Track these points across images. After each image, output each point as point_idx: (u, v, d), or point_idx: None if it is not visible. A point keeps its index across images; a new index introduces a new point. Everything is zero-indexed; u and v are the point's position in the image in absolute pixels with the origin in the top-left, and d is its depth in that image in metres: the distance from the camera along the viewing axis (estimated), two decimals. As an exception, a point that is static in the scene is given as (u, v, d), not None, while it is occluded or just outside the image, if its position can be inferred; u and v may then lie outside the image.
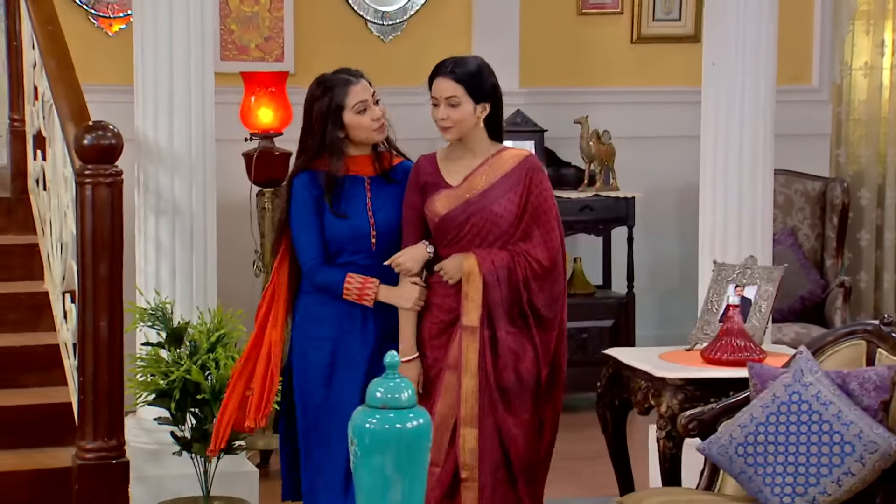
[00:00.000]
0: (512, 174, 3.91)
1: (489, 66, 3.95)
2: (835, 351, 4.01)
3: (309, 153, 4.01)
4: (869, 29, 7.07)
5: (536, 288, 3.90)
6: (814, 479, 3.69)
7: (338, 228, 3.99)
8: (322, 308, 4.01)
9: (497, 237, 3.90)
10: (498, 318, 3.88)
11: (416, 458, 3.62)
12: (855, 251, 7.12)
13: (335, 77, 4.05)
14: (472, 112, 3.89)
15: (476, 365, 3.88)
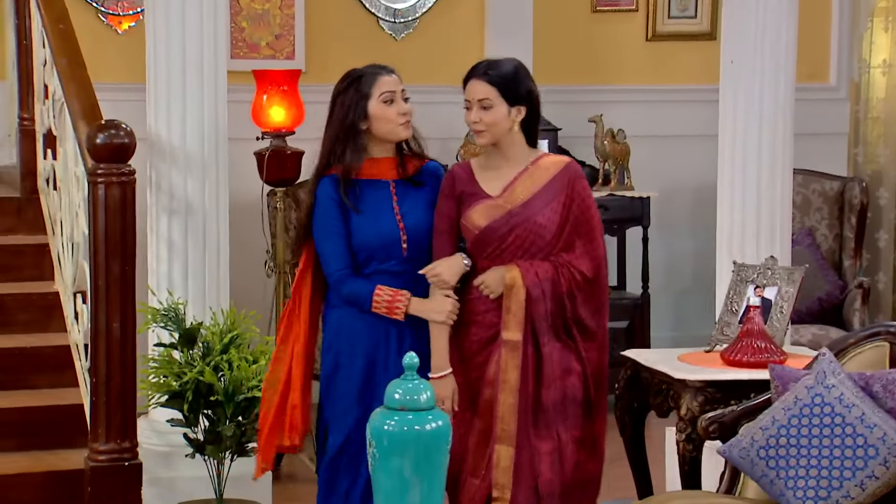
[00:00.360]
0: (554, 183, 3.78)
1: (526, 69, 3.82)
2: (857, 353, 3.98)
3: (329, 151, 3.83)
4: (888, 26, 7.01)
5: (581, 299, 3.77)
6: (837, 483, 3.66)
7: (366, 234, 3.82)
8: (354, 322, 3.84)
9: (540, 248, 3.77)
10: (542, 333, 3.74)
11: (435, 460, 3.58)
12: (873, 252, 7.06)
13: (364, 68, 3.91)
14: (506, 115, 3.75)
15: (516, 382, 3.72)
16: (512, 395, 3.72)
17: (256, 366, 4.54)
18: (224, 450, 4.54)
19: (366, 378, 3.84)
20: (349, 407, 3.85)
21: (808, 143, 6.67)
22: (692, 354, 4.61)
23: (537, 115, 3.82)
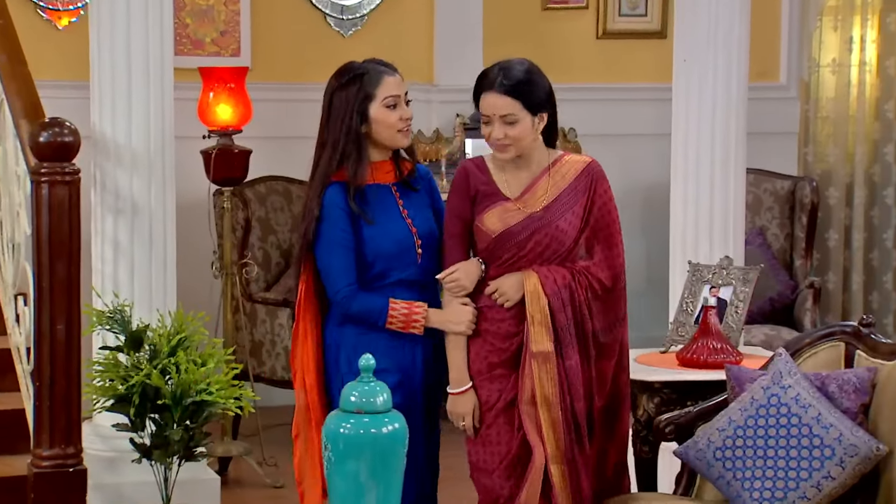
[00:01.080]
0: (576, 185, 3.55)
1: (538, 69, 3.57)
2: (813, 353, 3.99)
3: (330, 153, 3.55)
4: (837, 25, 7.03)
5: (596, 311, 3.55)
6: (793, 484, 3.66)
7: (381, 243, 3.56)
8: (369, 337, 3.58)
9: (559, 255, 3.55)
10: (567, 345, 3.52)
11: (391, 463, 3.53)
12: (823, 251, 7.08)
13: (367, 65, 3.64)
14: (531, 127, 3.50)
15: (554, 395, 3.51)
16: (550, 411, 3.50)
17: (205, 368, 4.46)
18: (171, 454, 4.46)
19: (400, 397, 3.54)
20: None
21: (758, 142, 6.67)
22: (647, 355, 4.58)
23: (555, 113, 3.58)
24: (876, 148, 7.11)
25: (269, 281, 6.22)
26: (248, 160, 5.69)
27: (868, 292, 7.14)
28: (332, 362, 3.64)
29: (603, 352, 3.57)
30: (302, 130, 6.71)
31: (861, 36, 7.03)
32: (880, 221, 7.13)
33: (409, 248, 3.60)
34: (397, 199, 3.64)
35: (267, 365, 5.97)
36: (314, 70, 6.77)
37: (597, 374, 3.56)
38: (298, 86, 6.71)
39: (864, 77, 7.04)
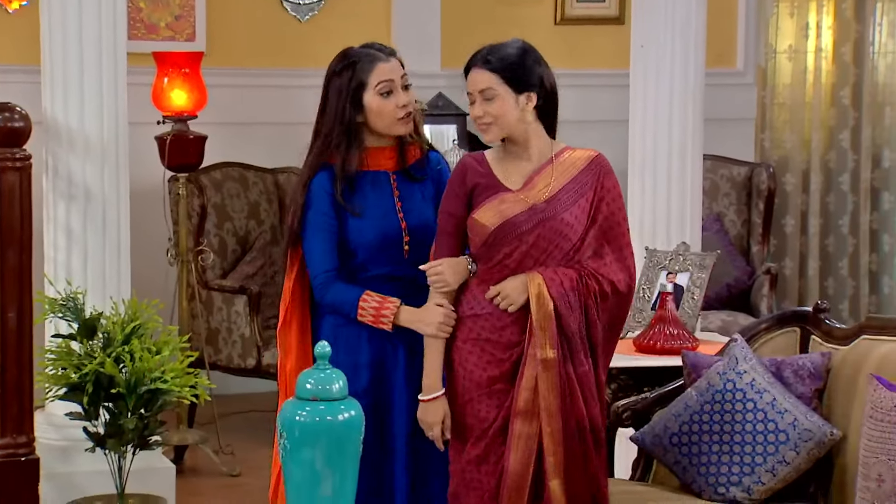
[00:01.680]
0: (581, 177, 3.29)
1: (535, 51, 3.33)
2: (769, 338, 4.01)
3: (322, 143, 3.42)
4: (793, 11, 7.05)
5: (605, 317, 3.31)
6: (748, 469, 3.68)
7: (365, 234, 3.42)
8: (354, 327, 3.44)
9: (562, 253, 3.29)
10: (578, 351, 3.27)
11: (348, 451, 3.50)
12: (780, 237, 7.11)
13: (361, 51, 3.48)
14: (514, 105, 3.27)
15: (555, 406, 3.25)
16: (553, 422, 3.26)
17: (159, 356, 4.43)
18: (126, 443, 4.43)
19: (372, 391, 3.46)
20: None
21: (716, 128, 6.68)
22: (604, 341, 4.57)
23: (554, 102, 3.34)
24: (832, 134, 7.14)
25: (226, 268, 6.18)
26: (203, 146, 5.64)
27: (824, 278, 7.18)
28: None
29: (599, 360, 3.34)
30: (258, 116, 6.70)
31: (817, 22, 7.05)
32: (836, 207, 7.17)
33: (395, 243, 3.44)
34: (393, 189, 3.47)
35: (223, 353, 5.93)
36: (270, 55, 6.73)
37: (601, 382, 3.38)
38: (255, 71, 6.66)
39: (820, 63, 7.07)
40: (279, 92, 6.68)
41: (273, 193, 6.38)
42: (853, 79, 7.08)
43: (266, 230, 6.31)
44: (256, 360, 5.83)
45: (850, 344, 3.76)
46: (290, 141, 6.72)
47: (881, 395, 3.46)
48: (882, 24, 7.07)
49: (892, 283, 7.18)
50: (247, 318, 5.84)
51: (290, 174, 6.40)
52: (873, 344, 3.69)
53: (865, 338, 3.73)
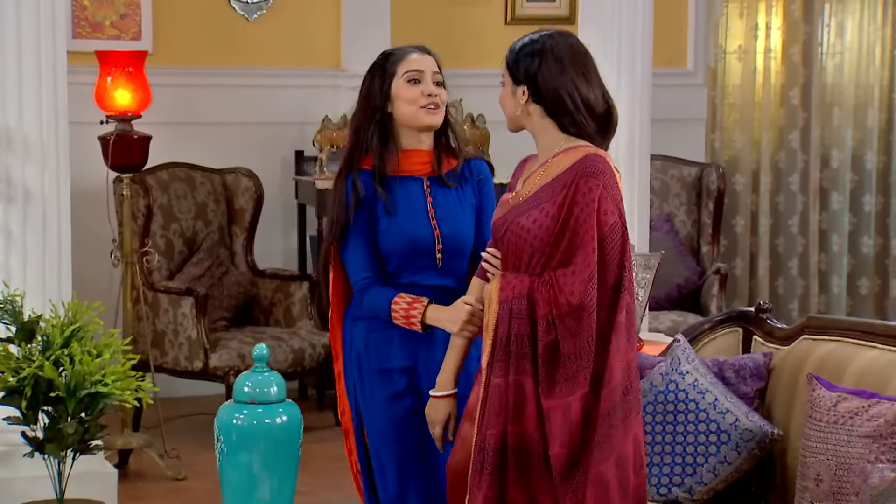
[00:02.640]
0: (558, 180, 3.04)
1: (540, 46, 3.09)
2: (711, 338, 4.01)
3: (355, 138, 3.35)
4: (743, 12, 7.07)
5: (564, 330, 3.00)
6: (690, 469, 3.66)
7: (395, 239, 3.32)
8: (387, 333, 3.35)
9: (529, 258, 3.06)
10: (498, 360, 3.05)
11: (286, 454, 3.48)
12: (730, 237, 7.12)
13: (397, 48, 3.45)
14: (511, 95, 3.13)
15: (480, 415, 3.08)
16: (477, 432, 3.08)
17: (100, 359, 4.36)
18: (65, 448, 4.36)
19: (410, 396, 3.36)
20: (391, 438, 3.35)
21: (666, 128, 6.69)
22: (549, 342, 4.55)
23: (557, 101, 3.08)
24: (781, 134, 7.16)
25: (173, 269, 6.11)
26: (147, 146, 5.58)
27: (774, 278, 7.19)
28: (346, 359, 3.43)
29: (569, 383, 2.99)
30: (206, 116, 6.63)
31: (766, 23, 7.08)
32: (785, 207, 7.18)
33: (428, 251, 3.33)
34: (426, 196, 3.36)
35: (170, 355, 5.86)
36: (218, 55, 6.67)
37: (551, 410, 2.99)
38: (202, 70, 6.59)
39: (770, 64, 7.09)
40: (227, 91, 6.62)
41: (221, 194, 6.32)
42: (802, 79, 7.10)
43: (213, 231, 6.25)
44: (203, 362, 5.77)
45: (791, 344, 3.76)
46: (238, 141, 6.71)
47: (820, 395, 3.46)
48: (830, 25, 7.11)
49: (841, 283, 7.21)
50: (193, 320, 5.77)
51: (238, 174, 6.34)
52: (814, 344, 3.69)
53: (806, 338, 3.73)
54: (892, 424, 3.29)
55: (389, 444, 3.35)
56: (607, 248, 3.00)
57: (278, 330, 6.10)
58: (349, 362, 3.41)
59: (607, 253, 3.00)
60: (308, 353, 5.95)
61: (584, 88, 3.08)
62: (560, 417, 2.98)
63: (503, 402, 3.02)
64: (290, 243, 6.80)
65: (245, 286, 6.23)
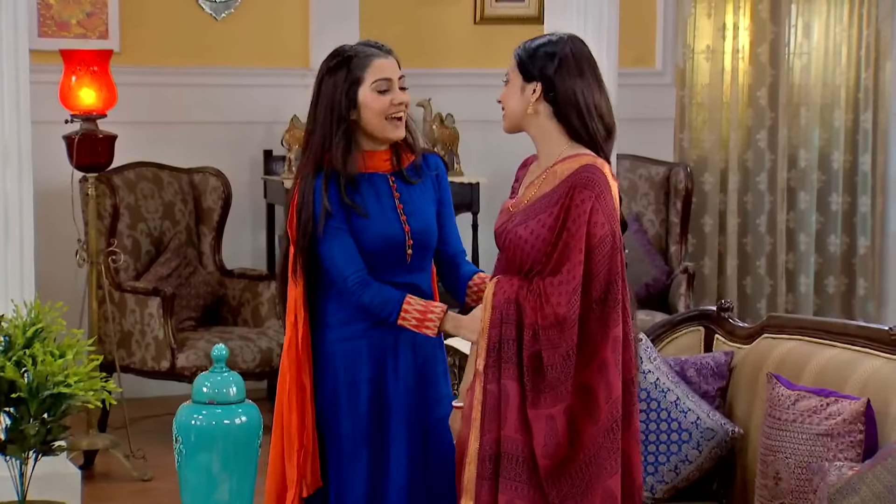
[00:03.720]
0: (557, 190, 3.02)
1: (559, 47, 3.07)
2: (674, 337, 4.02)
3: (318, 144, 3.27)
4: (711, 12, 7.08)
5: (546, 341, 2.98)
6: (651, 468, 3.67)
7: (367, 238, 3.28)
8: (355, 343, 3.32)
9: (530, 268, 3.04)
10: (489, 367, 3.05)
11: (245, 455, 3.45)
12: (699, 237, 7.13)
13: (357, 47, 3.32)
14: (519, 93, 3.08)
15: (478, 421, 3.07)
16: (476, 439, 3.06)
17: (63, 360, 4.32)
18: (27, 449, 4.31)
19: (374, 410, 3.33)
20: (357, 446, 3.32)
21: (635, 128, 6.69)
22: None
23: (572, 104, 3.05)
24: (749, 134, 7.18)
25: (140, 270, 6.09)
26: (112, 146, 5.55)
27: (742, 277, 7.21)
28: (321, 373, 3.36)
29: (552, 393, 2.97)
30: (173, 115, 6.60)
31: (734, 23, 7.09)
32: (753, 207, 7.20)
33: (398, 247, 3.30)
34: (393, 192, 3.33)
35: (136, 355, 5.84)
36: (186, 54, 6.64)
37: (536, 420, 2.98)
38: (170, 70, 6.57)
39: (738, 64, 7.11)
40: (195, 91, 6.59)
41: (188, 194, 6.30)
42: (770, 79, 7.12)
43: (181, 231, 6.22)
44: (170, 362, 5.75)
45: (752, 343, 3.77)
46: (206, 140, 6.69)
47: (779, 394, 3.47)
48: (797, 25, 7.13)
49: (809, 282, 7.23)
50: (160, 320, 5.75)
51: (206, 174, 6.32)
52: (774, 343, 3.70)
53: (766, 337, 3.74)
54: (849, 422, 3.31)
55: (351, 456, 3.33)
56: (595, 260, 2.97)
57: (246, 330, 6.08)
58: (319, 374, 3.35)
59: (594, 265, 2.96)
60: (276, 352, 5.93)
61: (597, 96, 3.08)
62: (543, 428, 2.96)
63: (496, 407, 3.02)
64: (258, 243, 6.78)
65: (213, 286, 6.21)
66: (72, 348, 4.37)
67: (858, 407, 3.32)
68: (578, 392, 2.97)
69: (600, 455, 2.96)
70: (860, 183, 7.26)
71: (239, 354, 5.80)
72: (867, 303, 7.26)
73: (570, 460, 2.97)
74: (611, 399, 2.96)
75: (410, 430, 3.33)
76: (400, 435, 3.33)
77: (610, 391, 2.95)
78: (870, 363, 3.43)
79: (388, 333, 3.33)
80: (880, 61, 7.19)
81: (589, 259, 2.96)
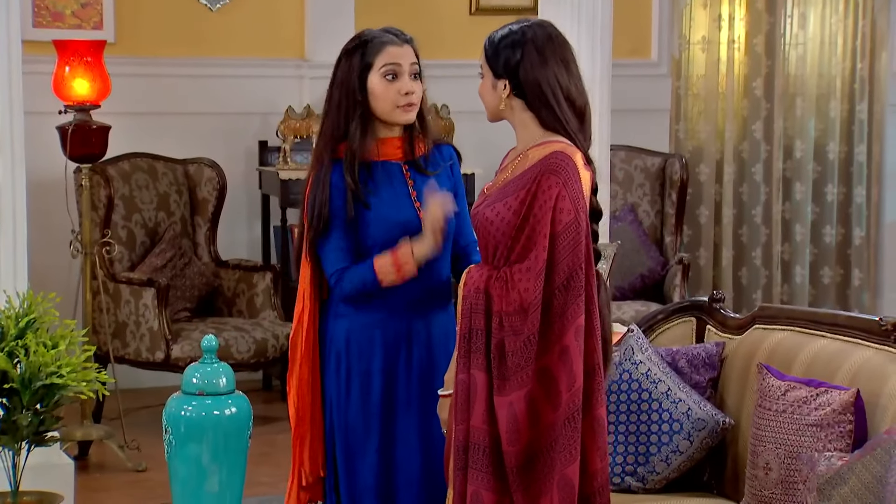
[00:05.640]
0: (525, 174, 3.00)
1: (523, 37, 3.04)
2: (666, 328, 4.01)
3: (332, 127, 3.28)
4: (706, 3, 7.07)
5: (509, 328, 2.98)
6: (643, 458, 3.67)
7: (380, 226, 3.26)
8: (367, 332, 3.31)
9: (495, 250, 3.03)
10: (461, 356, 3.05)
11: (235, 446, 3.46)
12: (694, 228, 7.13)
13: (375, 32, 3.31)
14: (492, 89, 3.08)
15: (453, 413, 3.07)
16: (452, 430, 3.08)
17: (56, 351, 4.32)
18: (20, 439, 4.31)
19: (384, 397, 3.32)
20: (368, 438, 3.31)
21: (631, 118, 6.69)
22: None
23: (538, 95, 3.03)
24: (745, 125, 7.18)
25: (135, 260, 6.09)
26: (106, 136, 5.54)
27: (738, 268, 7.21)
28: (326, 358, 3.36)
29: (512, 380, 2.96)
30: (168, 106, 6.60)
31: (730, 14, 7.08)
32: (749, 198, 7.20)
33: (414, 234, 3.25)
34: (407, 180, 3.31)
35: (131, 346, 5.84)
36: (181, 45, 6.63)
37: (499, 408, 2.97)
38: (165, 60, 6.56)
39: (733, 54, 7.10)
40: (190, 82, 6.59)
41: (183, 184, 6.29)
42: (765, 70, 7.11)
43: (176, 221, 6.22)
44: (165, 353, 5.75)
45: (744, 333, 3.76)
46: (201, 131, 6.68)
47: (770, 384, 3.47)
48: (793, 15, 7.12)
49: (804, 273, 7.23)
50: (155, 310, 5.75)
51: (201, 164, 6.32)
52: (765, 333, 3.70)
53: (758, 327, 3.74)
54: (839, 413, 3.31)
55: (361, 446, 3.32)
56: (559, 246, 2.95)
57: (241, 321, 6.08)
58: (328, 362, 3.35)
59: (558, 252, 2.95)
60: (271, 343, 5.93)
61: (564, 80, 3.04)
62: (505, 415, 2.95)
63: (467, 398, 3.01)
64: (253, 234, 6.78)
65: (208, 277, 6.21)
66: (64, 339, 4.36)
67: (848, 397, 3.32)
68: (539, 378, 2.95)
69: (558, 443, 2.94)
70: (855, 173, 7.26)
71: (234, 345, 5.80)
72: (862, 293, 7.26)
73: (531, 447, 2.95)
74: (573, 388, 2.94)
75: (420, 422, 3.33)
76: (410, 427, 3.33)
77: (572, 380, 2.94)
78: (860, 354, 3.43)
79: (402, 324, 3.32)
80: (876, 51, 7.18)
81: (553, 245, 2.95)
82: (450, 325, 3.36)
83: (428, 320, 3.36)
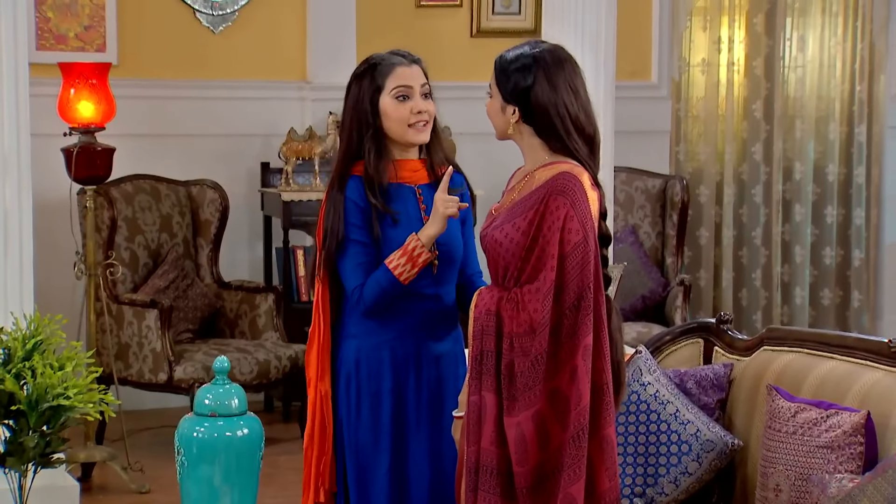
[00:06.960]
0: (533, 196, 3.01)
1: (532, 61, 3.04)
2: (673, 349, 4.02)
3: (346, 149, 3.32)
4: (706, 25, 7.12)
5: (518, 348, 2.98)
6: (651, 480, 3.67)
7: (391, 248, 3.28)
8: (376, 353, 3.34)
9: (504, 272, 3.04)
10: (472, 378, 3.05)
11: (247, 467, 3.46)
12: (695, 249, 7.15)
13: (384, 55, 3.37)
14: (500, 111, 3.10)
15: (466, 434, 3.06)
16: (464, 451, 3.08)
17: (62, 372, 4.33)
18: (27, 461, 4.31)
19: (394, 417, 3.34)
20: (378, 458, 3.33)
21: (632, 140, 6.72)
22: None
23: (547, 124, 3.04)
24: (744, 147, 7.22)
25: (137, 282, 6.09)
26: (111, 158, 5.56)
27: (738, 289, 7.23)
28: (336, 378, 3.39)
29: (519, 401, 2.97)
30: (171, 128, 6.62)
31: (729, 36, 7.13)
32: (749, 219, 7.23)
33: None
34: (419, 203, 3.34)
35: (134, 368, 5.84)
36: (183, 67, 6.66)
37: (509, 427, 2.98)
38: (167, 82, 6.58)
39: (733, 77, 7.14)
40: (193, 103, 6.61)
41: (186, 206, 6.31)
42: (765, 92, 7.15)
43: (178, 243, 6.23)
44: (168, 374, 5.75)
45: (752, 355, 3.78)
46: (204, 153, 6.70)
47: (779, 406, 3.48)
48: (792, 38, 7.17)
49: (804, 294, 7.26)
50: (158, 332, 5.75)
51: (203, 186, 6.33)
52: (773, 355, 3.71)
53: (766, 349, 3.75)
54: (849, 435, 3.32)
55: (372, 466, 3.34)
56: (568, 266, 2.95)
57: (244, 342, 6.09)
58: (339, 382, 3.36)
59: (567, 272, 2.95)
60: (273, 364, 5.93)
61: (573, 109, 3.04)
62: (514, 435, 2.96)
63: (478, 419, 3.02)
64: (255, 255, 6.79)
65: (210, 298, 6.22)
66: (71, 361, 4.37)
67: (858, 419, 3.33)
68: (550, 399, 2.95)
69: (564, 462, 2.94)
70: (855, 195, 7.29)
71: (236, 367, 5.81)
72: (862, 315, 7.29)
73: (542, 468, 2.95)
74: (579, 406, 2.94)
75: (431, 442, 3.35)
76: (421, 447, 3.35)
77: (579, 398, 2.94)
78: (869, 375, 3.44)
79: (411, 345, 3.35)
80: (874, 74, 7.23)
81: (562, 266, 2.95)
82: (458, 345, 3.40)
83: (437, 341, 3.39)
